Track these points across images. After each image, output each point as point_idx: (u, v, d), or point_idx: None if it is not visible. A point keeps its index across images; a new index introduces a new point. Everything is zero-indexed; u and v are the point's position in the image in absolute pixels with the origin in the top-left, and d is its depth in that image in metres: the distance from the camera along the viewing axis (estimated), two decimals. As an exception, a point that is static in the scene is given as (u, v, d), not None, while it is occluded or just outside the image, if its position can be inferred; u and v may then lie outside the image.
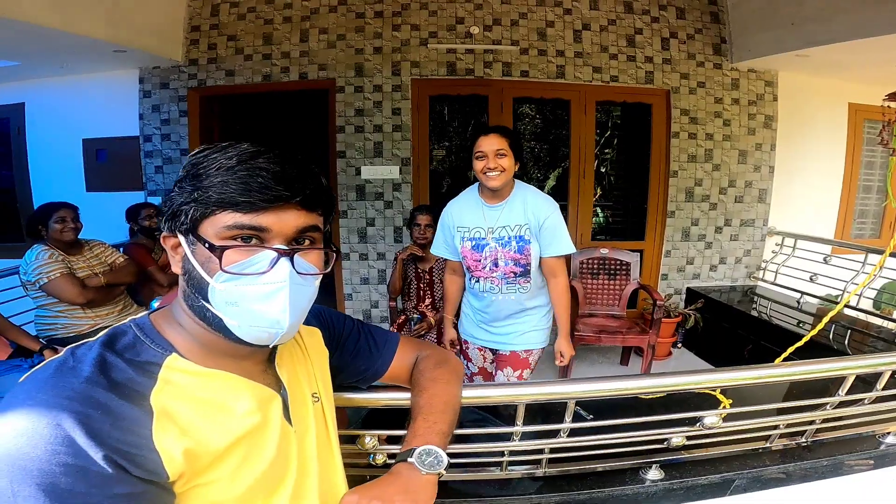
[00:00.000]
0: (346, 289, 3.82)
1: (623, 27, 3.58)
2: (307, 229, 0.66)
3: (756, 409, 1.37)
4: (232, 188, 0.60)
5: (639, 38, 3.59)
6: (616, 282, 3.52)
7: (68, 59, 3.32)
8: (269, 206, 0.62)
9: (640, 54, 3.61)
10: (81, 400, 0.54)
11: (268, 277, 0.63)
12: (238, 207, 0.61)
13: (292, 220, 0.64)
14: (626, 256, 3.51)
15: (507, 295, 1.94)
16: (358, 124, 3.57)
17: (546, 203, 1.88)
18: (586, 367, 3.49)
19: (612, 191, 4.50)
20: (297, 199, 0.63)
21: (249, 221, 0.61)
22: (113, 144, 3.84)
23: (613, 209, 4.55)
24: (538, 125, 4.51)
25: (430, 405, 0.88)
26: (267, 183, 0.61)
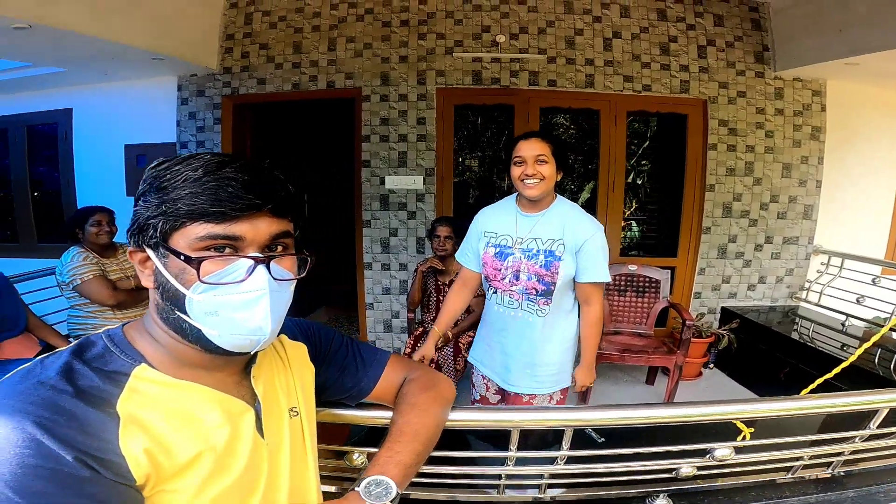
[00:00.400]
0: (368, 298, 3.82)
1: (656, 35, 3.46)
2: (280, 235, 0.67)
3: (778, 442, 1.26)
4: (202, 199, 0.60)
5: (673, 46, 3.47)
6: (644, 299, 3.39)
7: (110, 67, 3.47)
8: (241, 215, 0.62)
9: (675, 63, 3.48)
10: (46, 406, 0.55)
11: (246, 286, 0.63)
12: (209, 218, 0.61)
13: (265, 227, 0.64)
14: (655, 273, 3.37)
15: (526, 315, 1.76)
16: (383, 133, 3.57)
17: (590, 223, 1.72)
18: (610, 385, 3.38)
19: (646, 205, 4.35)
20: (268, 207, 0.64)
21: (223, 231, 0.62)
22: (152, 150, 3.96)
23: (645, 224, 4.40)
24: (572, 135, 4.41)
25: (399, 433, 0.86)
26: (237, 192, 0.61)
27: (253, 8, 3.60)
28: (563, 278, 1.70)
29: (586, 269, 1.71)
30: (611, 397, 3.28)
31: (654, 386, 3.38)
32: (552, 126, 3.80)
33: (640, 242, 4.30)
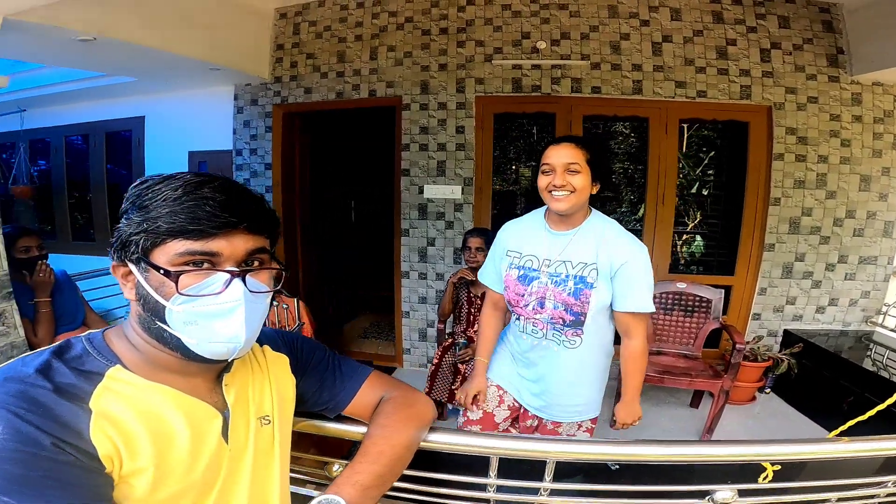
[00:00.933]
0: (405, 306, 3.83)
1: (712, 38, 3.24)
2: (255, 251, 0.72)
3: (801, 486, 1.12)
4: (181, 217, 0.65)
5: (732, 49, 3.23)
6: (693, 319, 3.19)
7: (173, 77, 3.71)
8: (218, 232, 0.67)
9: (734, 67, 3.24)
10: (24, 398, 0.59)
11: (223, 297, 0.68)
12: (188, 235, 0.66)
13: (241, 243, 0.70)
14: (706, 292, 3.17)
15: (552, 345, 1.57)
16: (422, 142, 3.58)
17: (630, 244, 1.49)
18: (650, 406, 3.22)
19: (707, 219, 4.05)
20: (243, 225, 0.69)
21: (201, 248, 0.67)
22: (212, 157, 4.20)
23: (700, 239, 4.10)
24: (632, 144, 4.24)
25: (364, 453, 0.87)
26: (214, 211, 0.66)
27: (300, 18, 3.72)
28: (596, 307, 1.49)
29: (624, 296, 1.49)
30: (648, 418, 3.08)
31: (698, 409, 3.18)
32: (611, 134, 3.64)
33: (693, 259, 4.02)
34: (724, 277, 3.50)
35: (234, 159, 4.07)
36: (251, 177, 4.04)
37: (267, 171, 3.97)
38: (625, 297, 1.49)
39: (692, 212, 3.77)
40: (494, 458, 1.13)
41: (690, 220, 3.77)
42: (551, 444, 1.15)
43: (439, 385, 2.93)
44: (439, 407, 3.07)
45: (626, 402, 1.64)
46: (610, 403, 3.18)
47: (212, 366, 0.77)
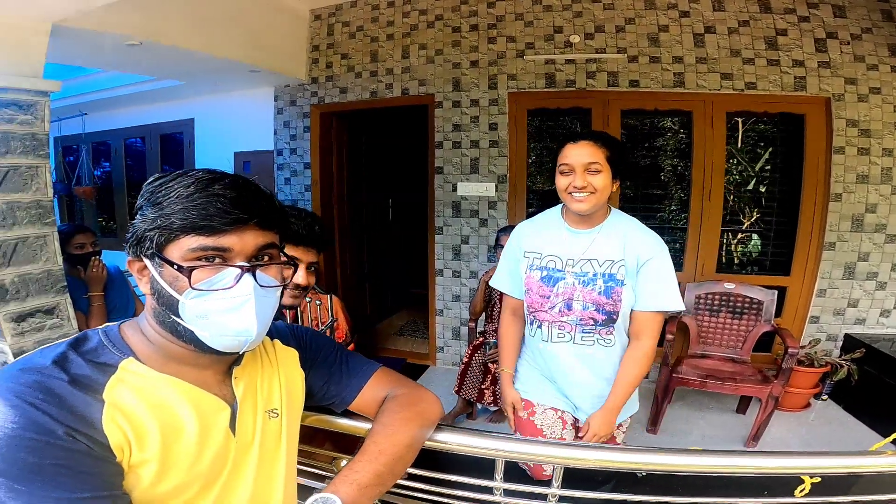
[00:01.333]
0: (438, 304, 3.83)
1: (760, 28, 3.05)
2: (265, 247, 0.74)
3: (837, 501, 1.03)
4: (193, 214, 0.67)
5: (782, 39, 3.03)
6: (742, 321, 3.05)
7: (217, 79, 3.85)
8: (229, 229, 0.69)
9: (786, 57, 3.04)
10: (39, 388, 0.61)
11: (234, 292, 0.70)
12: (200, 231, 0.68)
13: (251, 239, 0.71)
14: (757, 293, 3.01)
15: (581, 349, 1.49)
16: (455, 140, 3.56)
17: (653, 240, 1.45)
18: (692, 412, 3.09)
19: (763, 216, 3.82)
20: (254, 221, 0.71)
21: (213, 243, 0.68)
22: (255, 157, 4.34)
23: (754, 237, 3.87)
24: (681, 140, 4.07)
25: (364, 451, 0.86)
26: (225, 207, 0.68)
27: (334, 19, 3.78)
28: (628, 306, 1.44)
29: (650, 293, 1.42)
30: (688, 423, 2.98)
31: (744, 415, 3.02)
32: (658, 130, 3.49)
33: (748, 259, 3.80)
34: (779, 278, 3.30)
35: (276, 159, 4.19)
36: (291, 176, 4.15)
37: (306, 171, 4.07)
38: (651, 295, 1.43)
39: (748, 209, 3.56)
40: (500, 460, 1.11)
41: (746, 218, 3.57)
42: (559, 448, 1.11)
43: (469, 384, 2.91)
44: (468, 406, 3.05)
45: (608, 410, 1.48)
46: (645, 405, 3.08)
47: (223, 358, 0.79)
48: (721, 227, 3.34)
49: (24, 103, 2.18)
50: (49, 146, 2.32)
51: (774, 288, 3.05)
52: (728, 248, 3.63)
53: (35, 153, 2.23)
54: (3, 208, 2.12)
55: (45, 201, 2.27)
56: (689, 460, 1.02)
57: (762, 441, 2.71)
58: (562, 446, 1.11)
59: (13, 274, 2.17)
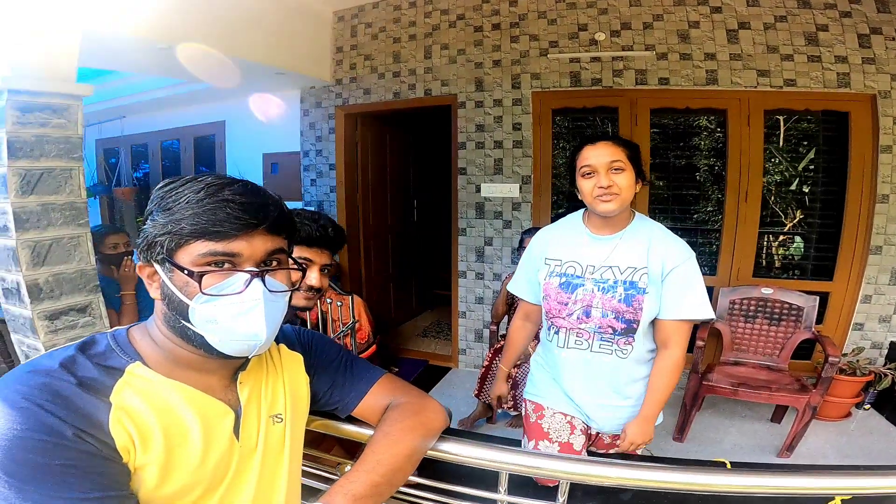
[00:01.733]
0: (461, 307, 3.80)
1: (798, 24, 2.89)
2: (274, 252, 0.74)
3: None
4: (203, 219, 0.68)
5: (823, 35, 2.87)
6: (779, 328, 2.92)
7: (244, 82, 3.88)
8: (239, 234, 0.70)
9: (828, 54, 2.87)
10: (47, 391, 0.62)
11: (243, 297, 0.70)
12: (210, 236, 0.68)
13: (260, 244, 0.72)
14: (796, 299, 2.88)
15: (599, 357, 1.45)
16: (479, 140, 3.52)
17: (679, 246, 1.41)
18: (722, 419, 2.98)
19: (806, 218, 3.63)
20: (263, 226, 0.72)
21: (222, 249, 0.69)
22: (282, 159, 4.42)
23: (793, 240, 3.68)
24: (718, 139, 3.94)
25: (362, 461, 0.85)
26: (235, 213, 0.69)
27: (357, 20, 3.80)
28: (650, 315, 1.39)
29: (674, 302, 1.38)
30: (718, 432, 2.87)
31: (779, 425, 2.89)
32: (693, 129, 3.37)
33: (789, 262, 3.62)
34: (821, 283, 3.12)
35: (302, 160, 4.24)
36: (317, 177, 4.19)
37: (331, 172, 4.10)
38: (678, 304, 1.38)
39: (790, 211, 3.39)
40: (504, 473, 1.08)
41: (788, 220, 3.40)
42: (565, 463, 1.07)
43: (489, 388, 2.88)
44: (488, 410, 3.01)
45: (644, 419, 1.46)
46: (668, 413, 2.98)
47: (229, 363, 0.80)
48: (760, 230, 3.19)
49: (58, 107, 2.24)
50: (82, 149, 2.38)
51: (816, 293, 2.90)
52: (768, 251, 3.47)
53: (69, 156, 2.30)
54: (37, 210, 2.19)
55: (78, 203, 2.34)
56: (703, 479, 0.96)
57: (797, 451, 2.60)
58: (568, 460, 1.07)
59: (47, 273, 2.25)
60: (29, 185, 2.17)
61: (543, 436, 1.57)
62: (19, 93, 2.09)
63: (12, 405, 0.60)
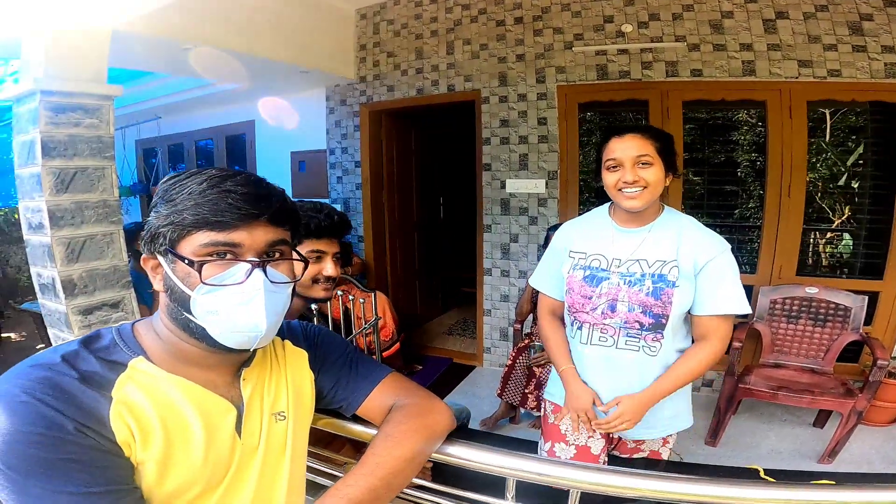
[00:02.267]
0: (486, 304, 3.76)
1: (840, 13, 2.72)
2: (276, 243, 0.74)
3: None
4: (205, 210, 0.68)
5: (868, 24, 2.69)
6: (825, 329, 2.77)
7: (270, 81, 3.97)
8: (241, 224, 0.69)
9: (874, 43, 2.69)
10: (49, 385, 0.63)
11: (244, 287, 0.70)
12: (212, 227, 0.68)
13: (262, 235, 0.72)
14: (843, 299, 2.73)
15: (625, 354, 1.37)
16: (503, 135, 3.47)
17: (712, 239, 1.34)
18: (760, 423, 2.86)
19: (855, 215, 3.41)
20: (265, 216, 0.71)
21: (223, 238, 0.69)
22: (310, 157, 4.47)
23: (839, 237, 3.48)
24: (760, 133, 3.77)
25: (363, 463, 0.82)
26: (237, 203, 0.68)
27: (379, 17, 3.80)
28: (680, 309, 1.32)
29: (712, 296, 1.31)
30: (757, 435, 2.75)
31: (822, 429, 2.75)
32: (732, 124, 3.23)
33: (838, 261, 3.43)
34: (870, 282, 2.93)
35: (328, 158, 4.28)
36: (343, 174, 4.23)
37: (357, 169, 4.12)
38: (714, 298, 1.31)
39: (838, 207, 3.21)
40: (511, 479, 1.04)
41: (836, 217, 3.23)
42: (575, 471, 1.03)
43: (512, 387, 2.83)
44: (511, 410, 2.97)
45: (643, 401, 1.34)
46: (701, 416, 2.86)
47: (233, 358, 0.79)
48: (806, 226, 3.03)
49: (90, 107, 2.31)
50: (114, 148, 2.45)
51: (864, 293, 2.74)
52: (814, 249, 3.29)
53: (101, 155, 2.37)
54: (72, 207, 2.27)
55: (111, 201, 2.41)
56: (720, 491, 0.90)
57: (839, 457, 2.47)
58: (578, 468, 1.02)
59: (81, 269, 2.33)
60: (63, 183, 2.24)
61: (560, 438, 1.52)
62: (52, 94, 2.16)
63: (14, 399, 0.60)
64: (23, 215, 2.36)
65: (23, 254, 6.77)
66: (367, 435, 1.05)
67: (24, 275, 6.86)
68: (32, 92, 2.15)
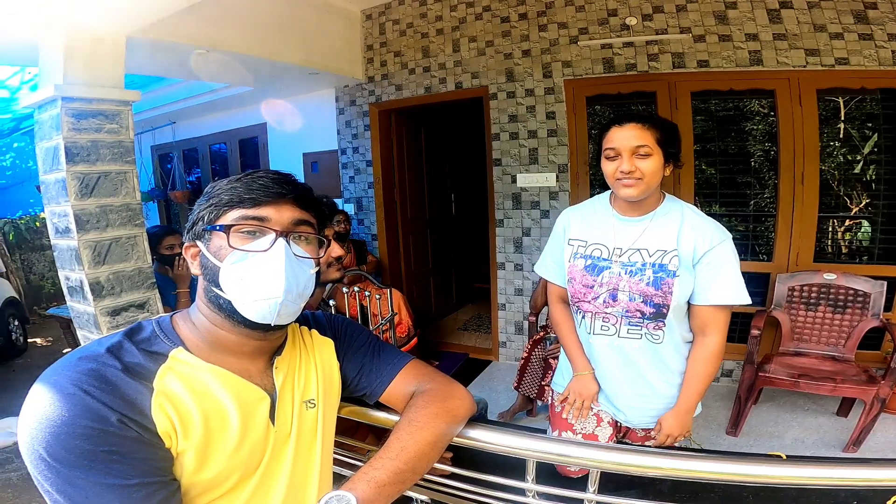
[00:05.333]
0: (500, 299, 3.79)
1: (844, 2, 2.70)
2: (301, 222, 0.80)
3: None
4: (239, 190, 0.77)
5: (873, 13, 2.67)
6: (844, 316, 2.76)
7: (281, 83, 4.01)
8: (269, 201, 0.77)
9: (880, 32, 2.68)
10: (94, 376, 0.66)
11: (268, 255, 0.75)
12: (243, 204, 0.76)
13: (288, 212, 0.78)
14: (862, 284, 2.72)
15: (627, 342, 1.40)
16: (512, 131, 3.50)
17: (712, 228, 1.33)
18: (783, 412, 2.85)
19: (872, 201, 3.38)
20: (291, 196, 0.79)
21: (253, 213, 0.76)
22: (321, 157, 4.52)
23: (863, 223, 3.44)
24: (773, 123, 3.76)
25: (386, 448, 0.84)
26: (266, 183, 0.77)
27: (384, 18, 3.84)
28: (680, 299, 1.33)
29: (709, 287, 1.32)
30: (778, 426, 2.74)
31: (846, 419, 2.73)
32: (744, 115, 3.20)
33: (858, 247, 3.40)
34: (889, 267, 2.91)
35: (340, 158, 4.34)
36: (355, 174, 4.28)
37: (368, 168, 4.17)
38: (710, 288, 1.32)
39: (855, 194, 3.20)
40: (531, 461, 1.07)
41: (854, 204, 3.21)
42: (595, 451, 1.05)
43: (528, 380, 2.86)
44: (528, 403, 3.00)
45: (681, 412, 1.40)
46: (722, 406, 2.87)
47: (264, 345, 0.83)
48: (823, 214, 3.02)
49: (110, 113, 2.37)
50: (134, 152, 2.52)
51: (884, 279, 2.72)
52: (833, 236, 3.28)
53: (123, 160, 2.43)
54: (96, 211, 2.34)
55: (133, 204, 2.48)
56: (748, 469, 0.90)
57: (864, 446, 2.46)
58: (598, 448, 1.04)
59: (108, 272, 2.40)
60: (87, 188, 2.31)
61: (567, 426, 1.55)
62: (72, 100, 2.23)
63: (62, 391, 0.63)
64: (49, 220, 2.42)
65: (46, 261, 6.94)
66: (390, 421, 1.07)
67: (47, 282, 7.04)
68: (54, 98, 2.21)
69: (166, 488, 0.67)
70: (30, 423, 0.62)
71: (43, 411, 0.62)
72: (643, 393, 1.45)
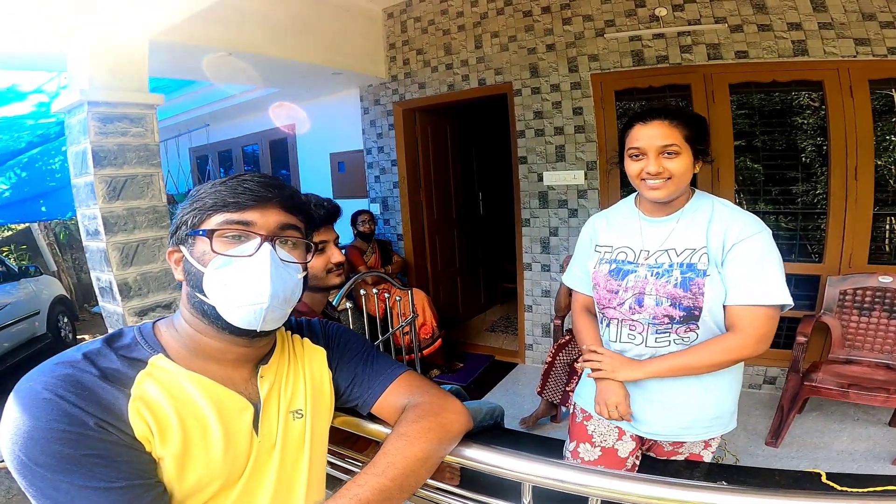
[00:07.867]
0: (527, 300, 3.71)
1: None
2: (287, 226, 0.78)
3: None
4: (223, 194, 0.75)
5: None
6: None
7: (306, 84, 4.04)
8: (254, 205, 0.75)
9: (933, 21, 2.46)
10: (71, 382, 0.65)
11: (253, 259, 0.73)
12: (227, 208, 0.74)
13: (273, 217, 0.77)
14: None
15: (655, 350, 1.28)
16: (538, 127, 3.40)
17: (744, 220, 1.20)
18: (831, 423, 2.68)
19: None
20: (276, 200, 0.77)
21: (237, 217, 0.74)
22: (348, 157, 4.54)
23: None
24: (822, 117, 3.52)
25: (374, 463, 0.80)
26: (251, 187, 0.75)
27: (406, 16, 3.81)
28: (714, 300, 1.19)
29: (739, 283, 1.17)
30: (825, 436, 2.57)
31: None
32: (793, 109, 3.01)
33: None
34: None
35: (365, 158, 4.34)
36: (380, 174, 4.27)
37: (394, 168, 4.15)
38: (739, 286, 1.18)
39: None
40: (527, 484, 1.01)
41: None
42: (595, 477, 0.98)
43: (552, 385, 2.77)
44: (552, 408, 2.91)
45: (636, 365, 1.27)
46: (763, 415, 2.70)
47: (249, 352, 0.81)
48: (878, 211, 2.79)
49: (135, 117, 2.42)
50: (160, 156, 2.56)
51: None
52: (890, 235, 3.03)
53: (148, 162, 2.48)
54: (124, 214, 2.40)
55: (159, 206, 2.53)
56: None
57: None
58: (598, 474, 0.97)
59: (135, 273, 2.46)
60: (115, 191, 2.37)
61: (587, 438, 1.44)
62: (98, 104, 2.28)
63: (37, 396, 0.62)
64: (80, 222, 2.51)
65: (94, 259, 7.26)
66: (382, 434, 1.03)
67: (95, 279, 7.36)
68: (80, 103, 2.27)
69: (152, 490, 0.66)
70: (8, 429, 0.62)
71: (20, 417, 0.61)
72: (675, 402, 1.31)
